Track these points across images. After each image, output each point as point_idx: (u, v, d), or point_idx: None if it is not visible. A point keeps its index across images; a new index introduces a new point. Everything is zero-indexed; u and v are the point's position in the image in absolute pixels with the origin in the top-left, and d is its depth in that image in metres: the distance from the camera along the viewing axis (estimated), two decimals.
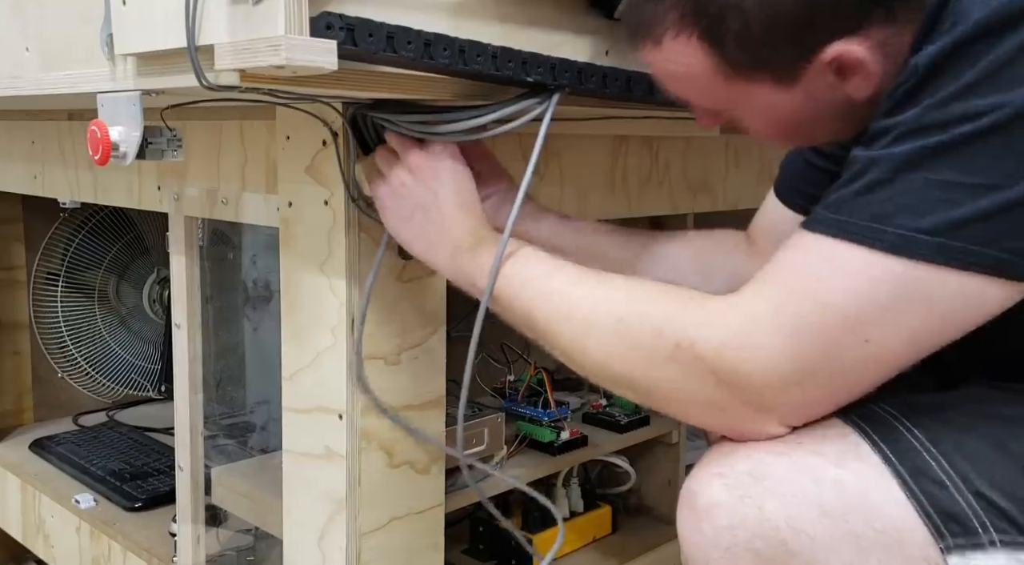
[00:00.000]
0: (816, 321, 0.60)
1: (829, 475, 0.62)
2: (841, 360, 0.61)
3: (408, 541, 0.91)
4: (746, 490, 0.63)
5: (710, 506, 0.64)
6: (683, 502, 0.67)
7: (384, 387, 0.87)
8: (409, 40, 0.68)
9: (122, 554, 1.23)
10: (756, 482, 0.63)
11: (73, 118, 1.22)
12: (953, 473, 0.61)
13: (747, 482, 0.64)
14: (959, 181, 0.58)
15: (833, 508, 0.61)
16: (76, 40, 0.82)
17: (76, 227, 1.70)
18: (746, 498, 0.63)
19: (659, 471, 1.37)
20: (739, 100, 0.70)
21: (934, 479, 0.61)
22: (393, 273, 0.87)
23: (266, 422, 1.27)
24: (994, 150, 0.57)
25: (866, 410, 0.65)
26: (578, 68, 0.81)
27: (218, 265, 1.22)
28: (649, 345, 0.66)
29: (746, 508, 0.63)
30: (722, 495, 0.64)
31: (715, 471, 0.65)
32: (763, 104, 0.69)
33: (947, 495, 0.60)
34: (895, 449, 0.63)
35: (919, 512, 0.60)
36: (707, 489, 0.65)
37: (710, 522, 0.64)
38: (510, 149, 0.98)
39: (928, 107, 0.59)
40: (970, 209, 0.58)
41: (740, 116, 0.73)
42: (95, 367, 1.73)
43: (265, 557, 1.18)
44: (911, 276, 0.59)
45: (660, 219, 1.30)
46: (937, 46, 0.59)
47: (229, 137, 0.98)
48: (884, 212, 0.59)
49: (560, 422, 1.21)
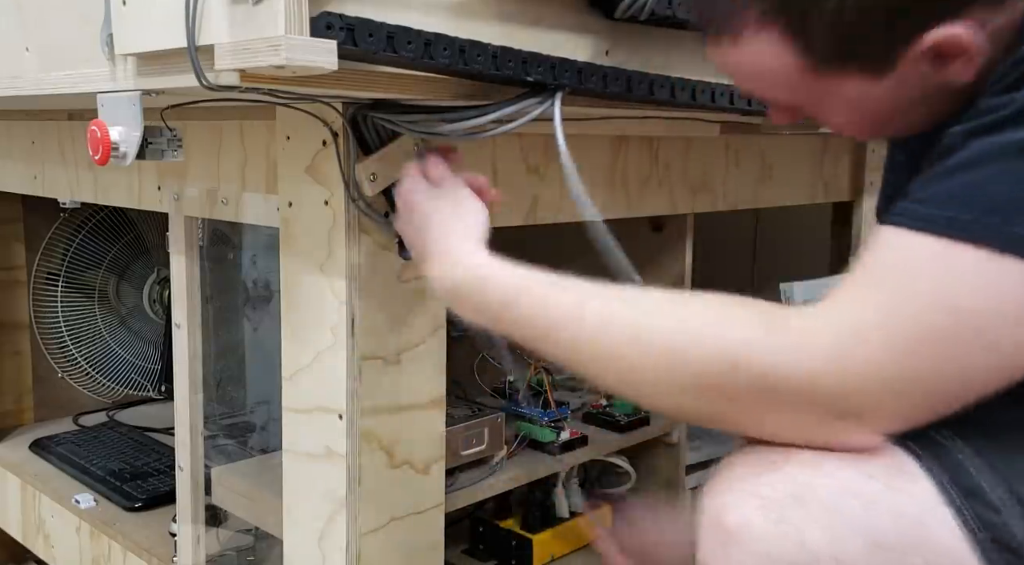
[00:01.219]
0: (934, 327, 0.54)
1: (882, 500, 0.56)
2: (965, 370, 0.54)
3: (408, 541, 0.91)
4: (785, 513, 0.56)
5: (741, 528, 0.57)
6: (707, 521, 0.59)
7: (384, 387, 0.87)
8: (409, 40, 0.68)
9: (122, 554, 1.23)
10: (798, 505, 0.56)
11: (73, 118, 1.22)
12: (1007, 496, 0.56)
13: (787, 504, 0.56)
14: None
15: (885, 539, 0.55)
16: (76, 40, 0.82)
17: (76, 227, 1.70)
18: (785, 523, 0.56)
19: (659, 471, 1.37)
20: (823, 95, 0.65)
21: (987, 503, 0.56)
22: (393, 273, 0.87)
23: (266, 422, 1.27)
24: None
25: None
26: (578, 68, 0.81)
27: (218, 265, 1.22)
28: (723, 377, 0.57)
29: (784, 534, 0.55)
30: (756, 517, 0.56)
31: (748, 487, 0.58)
32: (849, 97, 0.64)
33: (1001, 521, 0.56)
34: (946, 469, 0.57)
35: (972, 541, 0.55)
36: (738, 509, 0.57)
37: (740, 548, 0.56)
38: (510, 149, 0.98)
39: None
40: None
41: (822, 110, 0.68)
42: (95, 367, 1.73)
43: (265, 557, 1.18)
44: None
45: (660, 219, 1.30)
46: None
47: (229, 137, 0.98)
48: (1006, 206, 0.53)
49: (560, 422, 1.21)
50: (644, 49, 0.91)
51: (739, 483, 0.59)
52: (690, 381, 0.58)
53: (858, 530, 0.55)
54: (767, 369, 0.56)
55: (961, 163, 0.55)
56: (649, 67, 0.89)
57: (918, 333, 0.54)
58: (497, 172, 0.97)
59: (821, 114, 0.69)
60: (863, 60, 0.62)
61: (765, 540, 0.56)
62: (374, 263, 0.85)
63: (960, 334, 0.54)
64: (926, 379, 0.55)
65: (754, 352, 0.56)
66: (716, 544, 0.58)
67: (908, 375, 0.55)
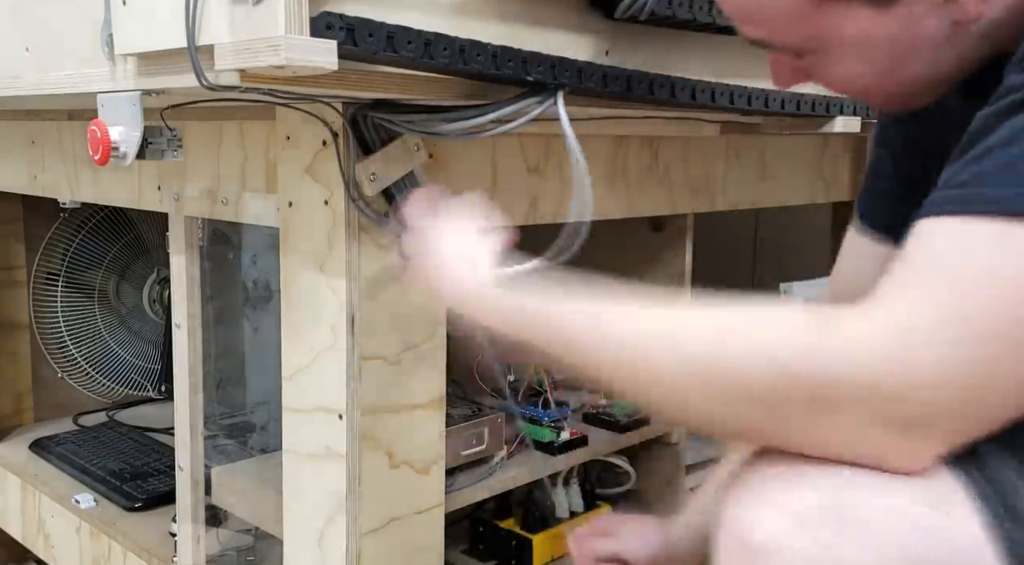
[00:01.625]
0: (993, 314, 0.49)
1: (928, 524, 0.51)
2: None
3: (408, 541, 0.91)
4: (821, 532, 0.51)
5: (769, 545, 0.52)
6: (729, 535, 0.54)
7: (384, 387, 0.87)
8: (409, 40, 0.68)
9: (122, 554, 1.23)
10: (836, 523, 0.51)
11: (73, 118, 1.22)
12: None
13: (824, 521, 0.52)
14: None
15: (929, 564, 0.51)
16: (76, 40, 0.82)
17: (76, 227, 1.70)
18: (821, 542, 0.51)
19: (659, 471, 1.36)
20: (828, 31, 0.62)
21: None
22: (393, 273, 0.87)
23: (266, 422, 1.27)
24: None
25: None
26: (578, 68, 0.81)
27: (218, 265, 1.22)
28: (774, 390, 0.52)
29: (821, 555, 0.51)
30: (788, 535, 0.52)
31: (778, 502, 0.53)
32: (855, 33, 0.61)
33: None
34: (997, 492, 0.53)
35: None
36: (766, 524, 0.53)
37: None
38: (510, 149, 0.98)
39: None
40: None
41: (827, 55, 0.64)
42: (95, 367, 1.73)
43: (265, 557, 1.18)
44: None
45: (660, 219, 1.30)
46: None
47: (229, 137, 0.98)
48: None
49: (560, 422, 1.21)
50: (644, 49, 0.91)
51: (767, 496, 0.54)
52: (738, 392, 0.53)
53: (903, 555, 0.51)
54: (824, 375, 0.51)
55: (997, 143, 0.51)
56: (649, 67, 0.89)
57: (989, 327, 0.49)
58: (497, 172, 0.97)
59: (826, 65, 0.65)
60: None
61: (797, 560, 0.51)
62: (374, 263, 0.85)
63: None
64: (1001, 380, 0.50)
65: (808, 357, 0.51)
66: (740, 558, 0.54)
67: (980, 376, 0.49)
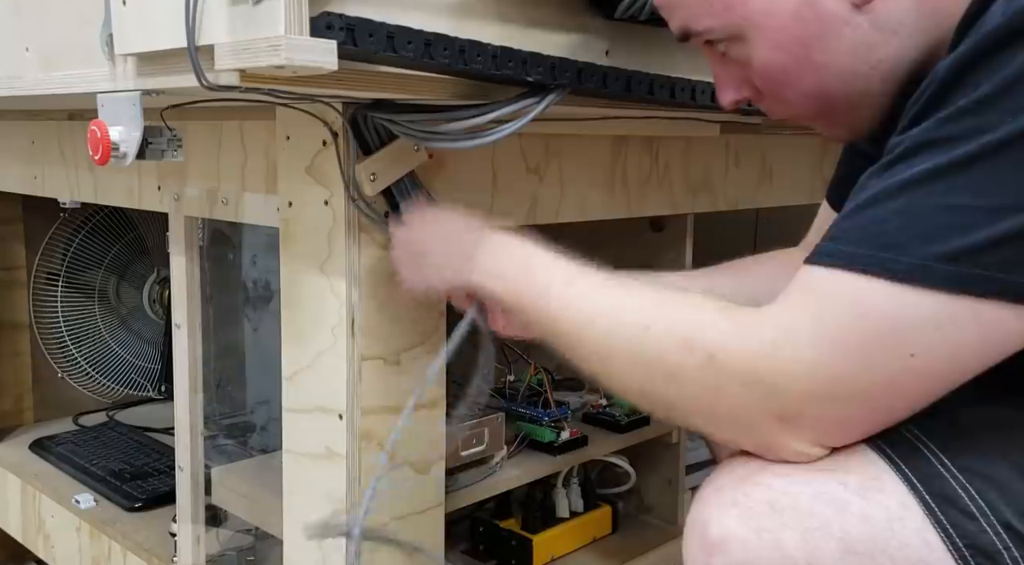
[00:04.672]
0: (854, 331, 0.57)
1: (854, 507, 0.58)
2: (882, 374, 0.57)
3: (408, 541, 0.91)
4: (763, 522, 0.59)
5: (723, 539, 0.60)
6: (691, 532, 0.62)
7: (384, 387, 0.87)
8: (409, 40, 0.68)
9: (122, 554, 1.23)
10: (774, 513, 0.59)
11: (73, 118, 1.22)
12: (983, 503, 0.58)
13: (764, 513, 0.59)
14: (969, 204, 0.55)
15: (858, 544, 0.57)
16: (76, 40, 0.82)
17: (76, 227, 1.70)
18: (763, 531, 0.59)
19: (659, 471, 1.37)
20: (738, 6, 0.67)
21: (963, 510, 0.58)
22: (393, 273, 0.87)
23: (266, 422, 1.27)
24: (1008, 169, 0.54)
25: (891, 432, 0.61)
26: (578, 68, 0.81)
27: (218, 265, 1.22)
28: (677, 356, 0.62)
29: (763, 542, 0.58)
30: (737, 527, 0.60)
31: (728, 499, 0.61)
32: (761, 7, 0.66)
33: (976, 527, 0.57)
34: (922, 476, 0.59)
35: (948, 547, 0.57)
36: (720, 519, 0.60)
37: (723, 557, 0.59)
38: (510, 149, 0.98)
39: (940, 121, 0.56)
40: (986, 233, 0.54)
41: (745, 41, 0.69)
42: (95, 367, 1.73)
43: (265, 557, 1.18)
44: (935, 304, 0.55)
45: (660, 219, 1.30)
46: (958, 52, 0.56)
47: (229, 137, 0.98)
48: (896, 242, 0.56)
49: (560, 422, 1.21)
50: (644, 49, 0.91)
51: (719, 494, 0.62)
52: (652, 358, 0.63)
53: (831, 535, 0.58)
54: (714, 348, 0.60)
55: (862, 203, 0.59)
56: (649, 67, 0.89)
57: (838, 336, 0.57)
58: (497, 172, 0.97)
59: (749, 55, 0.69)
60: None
61: (746, 548, 0.59)
62: (374, 263, 0.85)
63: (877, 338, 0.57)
64: (855, 382, 0.58)
65: (705, 331, 0.61)
66: (700, 553, 0.61)
67: (838, 378, 0.57)
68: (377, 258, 0.85)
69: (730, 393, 0.60)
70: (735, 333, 0.60)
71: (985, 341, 0.57)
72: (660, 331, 0.63)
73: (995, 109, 0.54)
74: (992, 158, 0.54)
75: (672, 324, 0.63)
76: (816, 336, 0.58)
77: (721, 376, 0.60)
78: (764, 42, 0.68)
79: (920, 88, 0.59)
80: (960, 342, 0.56)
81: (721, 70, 0.75)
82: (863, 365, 0.57)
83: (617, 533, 1.32)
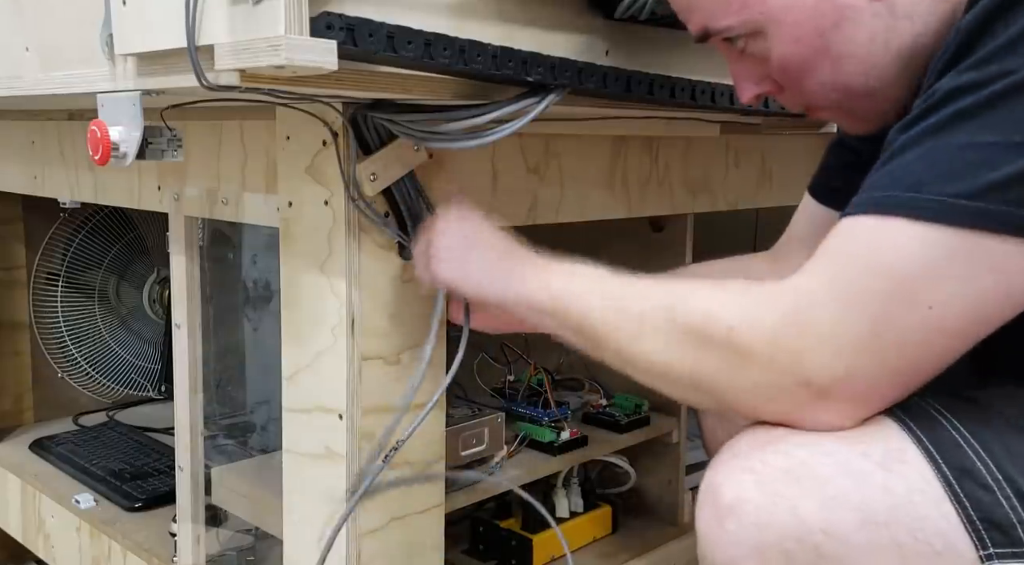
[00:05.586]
0: (871, 286, 0.58)
1: (876, 478, 0.59)
2: (902, 328, 0.57)
3: (408, 541, 0.91)
4: (780, 488, 0.59)
5: (737, 502, 0.60)
6: (705, 496, 0.63)
7: (384, 387, 0.87)
8: (409, 40, 0.68)
9: (122, 554, 1.23)
10: (793, 481, 0.59)
11: (73, 118, 1.22)
12: (1000, 476, 0.58)
13: (782, 480, 0.60)
14: (994, 141, 0.55)
15: (877, 515, 0.58)
16: (76, 40, 0.82)
17: (76, 227, 1.70)
18: (779, 497, 0.59)
19: (659, 471, 1.37)
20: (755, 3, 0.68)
21: (980, 483, 0.58)
22: (393, 273, 0.87)
23: (266, 422, 1.27)
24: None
25: (911, 405, 0.62)
26: (578, 68, 0.81)
27: (218, 265, 1.22)
28: (701, 331, 0.62)
29: (778, 508, 0.59)
30: (752, 492, 0.60)
31: (744, 465, 0.61)
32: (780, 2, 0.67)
33: (992, 500, 0.57)
34: (941, 449, 0.59)
35: (963, 520, 0.57)
36: (735, 484, 0.61)
37: (736, 519, 0.60)
38: (510, 149, 0.98)
39: (962, 70, 0.57)
40: (1009, 170, 0.55)
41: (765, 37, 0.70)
42: (95, 367, 1.73)
43: (265, 557, 1.18)
44: (956, 244, 0.56)
45: (660, 219, 1.30)
46: (978, 8, 0.57)
47: (229, 137, 0.98)
48: (920, 181, 0.57)
49: (560, 422, 1.21)
50: (644, 49, 0.91)
51: (737, 460, 0.62)
52: (678, 335, 0.64)
53: (850, 505, 0.58)
54: (734, 323, 0.61)
55: (888, 156, 0.61)
56: (649, 67, 0.89)
57: (853, 294, 0.58)
58: (497, 172, 0.97)
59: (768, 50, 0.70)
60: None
61: (758, 512, 0.59)
62: (374, 263, 0.85)
63: (893, 290, 0.57)
64: (877, 339, 0.58)
65: (724, 308, 0.62)
66: (712, 517, 0.61)
67: (858, 336, 0.58)
68: (377, 258, 0.85)
69: (755, 363, 0.60)
70: (757, 304, 0.61)
71: (1006, 286, 0.57)
72: (684, 309, 0.64)
73: (1017, 54, 0.55)
74: (1015, 96, 0.55)
75: (695, 302, 0.64)
76: (832, 294, 0.59)
77: (745, 346, 0.61)
78: (783, 36, 0.69)
79: (943, 47, 0.60)
80: (980, 288, 0.57)
81: (740, 67, 0.75)
82: (882, 321, 0.57)
83: (617, 533, 1.32)
